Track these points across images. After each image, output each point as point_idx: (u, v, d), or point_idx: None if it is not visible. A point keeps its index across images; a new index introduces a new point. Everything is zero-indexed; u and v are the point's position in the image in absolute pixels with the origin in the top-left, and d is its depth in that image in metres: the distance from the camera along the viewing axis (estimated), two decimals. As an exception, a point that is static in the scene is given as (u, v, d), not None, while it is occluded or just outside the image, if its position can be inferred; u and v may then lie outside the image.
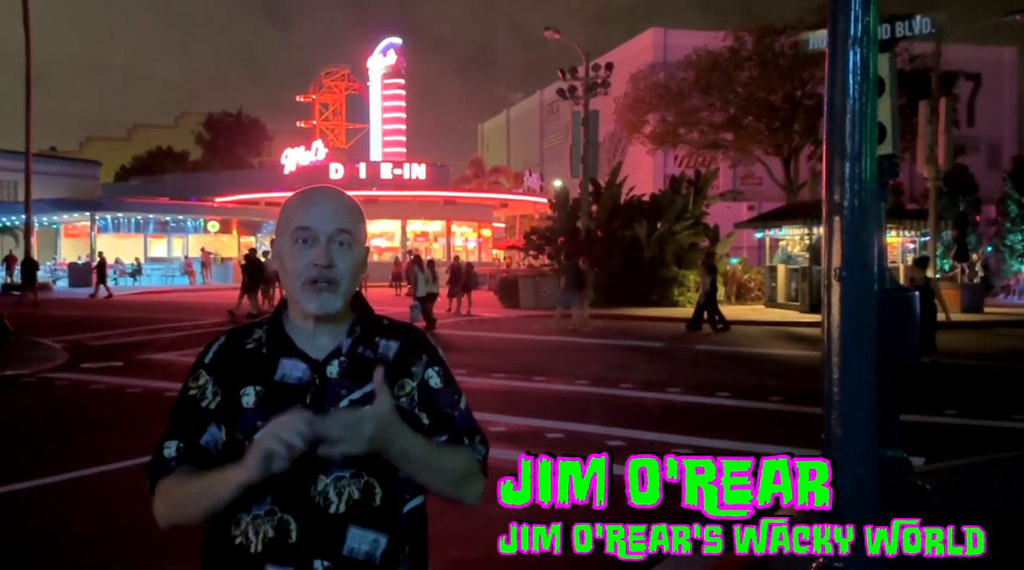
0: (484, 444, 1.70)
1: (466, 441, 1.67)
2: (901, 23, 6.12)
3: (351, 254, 1.63)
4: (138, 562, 4.86)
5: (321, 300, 1.60)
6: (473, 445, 1.68)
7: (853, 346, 3.61)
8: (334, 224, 1.62)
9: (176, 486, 1.58)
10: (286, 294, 1.68)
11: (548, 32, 29.00)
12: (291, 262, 1.62)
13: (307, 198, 1.66)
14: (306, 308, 1.61)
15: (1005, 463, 6.79)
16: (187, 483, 1.57)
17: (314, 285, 1.60)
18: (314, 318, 1.62)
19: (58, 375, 11.74)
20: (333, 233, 1.61)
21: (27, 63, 32.63)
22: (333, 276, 1.60)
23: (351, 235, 1.64)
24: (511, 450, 4.29)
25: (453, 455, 1.64)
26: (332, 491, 1.55)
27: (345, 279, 1.62)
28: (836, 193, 3.62)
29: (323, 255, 1.59)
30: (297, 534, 1.53)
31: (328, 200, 1.65)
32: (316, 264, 1.59)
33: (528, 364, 13.01)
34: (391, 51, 56.05)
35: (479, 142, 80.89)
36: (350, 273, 1.63)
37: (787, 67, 31.22)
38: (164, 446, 1.64)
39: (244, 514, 1.56)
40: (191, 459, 1.61)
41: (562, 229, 27.46)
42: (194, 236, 43.33)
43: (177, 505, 1.58)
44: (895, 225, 23.27)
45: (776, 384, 11.04)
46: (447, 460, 1.62)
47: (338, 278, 1.61)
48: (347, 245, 1.63)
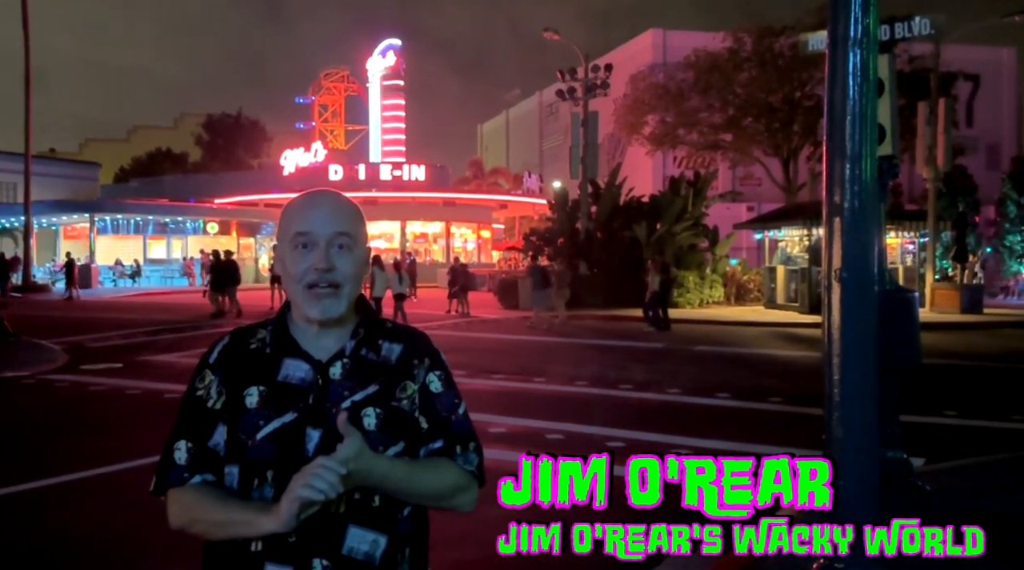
0: (478, 452, 1.70)
1: (459, 449, 1.67)
2: (900, 24, 6.13)
3: (351, 256, 1.63)
4: (139, 563, 4.86)
5: (323, 306, 1.60)
6: (466, 454, 1.68)
7: (853, 347, 3.61)
8: (333, 227, 1.62)
9: (196, 507, 1.59)
10: (288, 297, 1.68)
11: (547, 33, 29.03)
12: (292, 267, 1.62)
13: (305, 203, 1.66)
14: (308, 313, 1.61)
15: (1005, 464, 6.80)
16: (209, 511, 1.57)
17: (315, 290, 1.60)
18: (318, 322, 1.63)
19: (58, 377, 11.74)
20: (332, 236, 1.61)
21: (26, 65, 32.65)
22: (334, 279, 1.60)
23: (350, 237, 1.64)
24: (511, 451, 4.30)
25: (439, 473, 1.64)
26: None
27: (347, 281, 1.62)
28: (836, 194, 3.62)
29: (323, 259, 1.59)
30: (296, 533, 1.53)
31: (326, 203, 1.65)
32: (316, 268, 1.59)
33: (527, 365, 13.01)
34: (390, 52, 56.07)
35: (478, 143, 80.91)
36: (352, 275, 1.63)
37: (786, 68, 31.27)
38: (174, 447, 1.63)
39: None
40: (202, 464, 1.61)
41: (561, 230, 27.47)
42: (193, 237, 43.32)
43: (196, 525, 1.59)
44: (895, 226, 23.27)
45: (776, 385, 11.05)
46: (432, 479, 1.62)
47: (339, 281, 1.61)
48: (347, 248, 1.63)
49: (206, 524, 1.57)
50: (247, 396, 1.60)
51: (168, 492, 1.62)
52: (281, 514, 1.46)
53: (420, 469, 1.62)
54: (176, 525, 1.62)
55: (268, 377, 1.62)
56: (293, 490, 1.44)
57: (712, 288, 25.79)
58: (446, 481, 1.64)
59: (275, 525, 1.47)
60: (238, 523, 1.53)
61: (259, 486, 1.57)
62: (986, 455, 7.12)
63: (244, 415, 1.60)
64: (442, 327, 18.78)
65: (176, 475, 1.61)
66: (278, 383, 1.61)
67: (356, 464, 1.48)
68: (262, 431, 1.58)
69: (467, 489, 1.67)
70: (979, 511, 5.27)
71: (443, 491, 1.63)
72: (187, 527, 1.60)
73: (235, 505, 1.56)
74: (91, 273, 36.30)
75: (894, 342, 4.70)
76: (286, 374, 1.62)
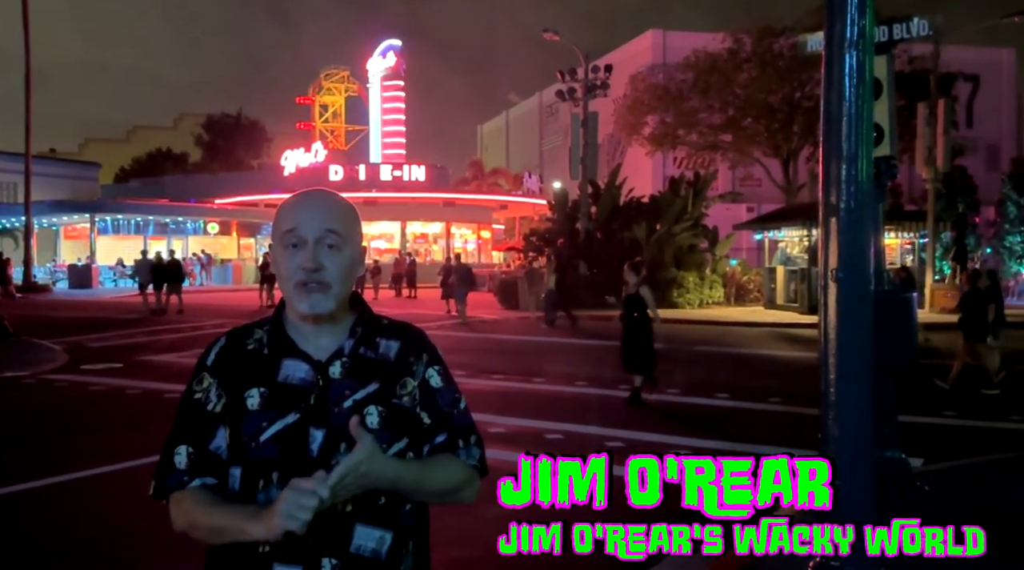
0: (479, 445, 1.73)
1: (461, 443, 1.69)
2: (899, 26, 6.14)
3: (340, 256, 1.63)
4: (138, 562, 4.87)
5: (311, 300, 1.61)
6: (468, 448, 1.70)
7: (850, 347, 3.63)
8: (321, 226, 1.62)
9: (194, 511, 1.59)
10: (283, 295, 1.69)
11: (547, 34, 29.02)
12: (282, 266, 1.63)
13: (296, 202, 1.67)
14: (298, 308, 1.62)
15: (1004, 464, 6.81)
16: (205, 517, 1.58)
17: (304, 287, 1.61)
18: (312, 319, 1.64)
19: (58, 376, 11.75)
20: (320, 235, 1.61)
21: (27, 64, 32.64)
22: (322, 278, 1.61)
23: (339, 236, 1.63)
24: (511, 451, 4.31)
25: (446, 470, 1.66)
26: None
27: (335, 281, 1.62)
28: (833, 195, 3.64)
29: (310, 258, 1.60)
30: (305, 533, 1.55)
31: (315, 203, 1.65)
32: (304, 267, 1.60)
33: (527, 365, 13.02)
34: (390, 53, 56.02)
35: (478, 144, 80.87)
36: (340, 275, 1.63)
37: (786, 69, 31.25)
38: (174, 452, 1.64)
39: None
40: (203, 468, 1.62)
41: (561, 231, 27.47)
42: (194, 237, 43.31)
43: (195, 530, 1.60)
44: (894, 227, 23.29)
45: (776, 385, 11.06)
46: (440, 477, 1.65)
47: (328, 280, 1.61)
48: (336, 247, 1.63)
49: (204, 530, 1.58)
50: (248, 398, 1.61)
51: (170, 498, 1.63)
52: (270, 525, 1.46)
53: (429, 468, 1.64)
54: (179, 527, 1.63)
55: (268, 378, 1.62)
56: (278, 510, 1.44)
57: (712, 289, 25.79)
58: (453, 478, 1.66)
59: (263, 533, 1.48)
60: (231, 531, 1.54)
61: (264, 488, 1.57)
62: (985, 455, 7.14)
63: (246, 417, 1.60)
64: (440, 327, 18.77)
65: (176, 479, 1.62)
66: (279, 384, 1.62)
67: (369, 466, 1.49)
68: (265, 433, 1.58)
69: (471, 483, 1.70)
70: (978, 511, 5.28)
71: (450, 488, 1.66)
72: (188, 531, 1.62)
73: (227, 511, 1.56)
74: (91, 273, 36.31)
75: (890, 341, 4.72)
76: (286, 375, 1.62)
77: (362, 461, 1.48)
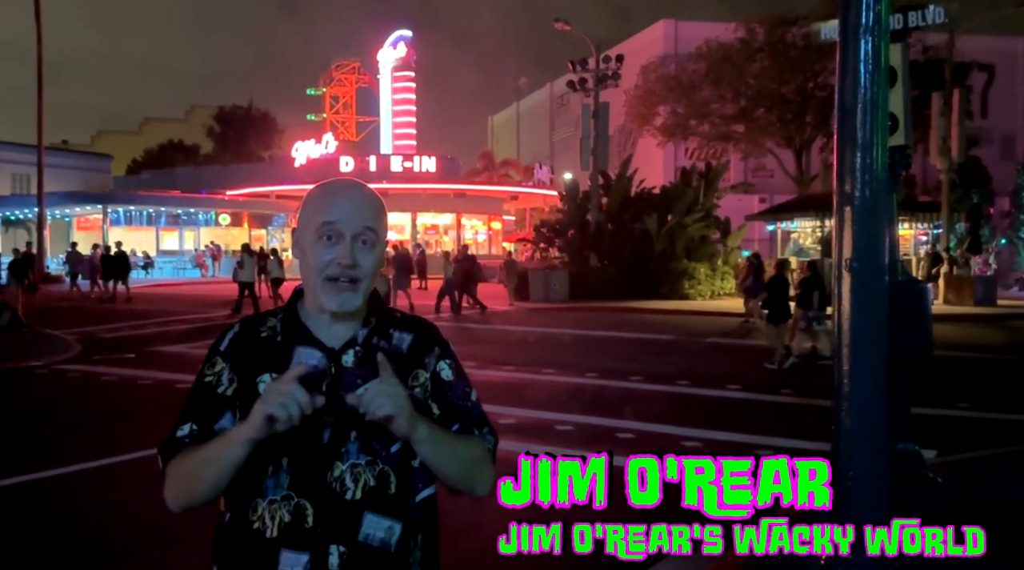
0: (493, 435, 1.73)
1: (476, 432, 1.70)
2: (914, 13, 6.06)
3: (374, 253, 1.63)
4: (151, 550, 4.89)
5: (342, 299, 1.60)
6: (483, 435, 1.70)
7: (863, 338, 3.59)
8: (361, 222, 1.61)
9: (184, 460, 1.59)
10: (304, 285, 1.67)
11: (559, 24, 28.90)
12: (314, 257, 1.61)
13: (333, 192, 1.65)
14: (326, 305, 1.61)
15: (1017, 456, 6.76)
16: (193, 454, 1.57)
17: (335, 283, 1.60)
18: (332, 313, 1.63)
19: (71, 367, 11.82)
20: (359, 231, 1.61)
21: (39, 56, 32.78)
22: (355, 275, 1.60)
23: (375, 233, 1.63)
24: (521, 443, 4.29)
25: (468, 441, 1.67)
26: (348, 477, 1.56)
27: (366, 277, 1.62)
28: (847, 183, 3.59)
29: (348, 254, 1.59)
30: (314, 519, 1.54)
31: (355, 196, 1.65)
32: (340, 263, 1.59)
33: (537, 357, 13.01)
34: (401, 43, 55.99)
35: (489, 135, 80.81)
36: (371, 272, 1.63)
37: (799, 58, 31.07)
38: (178, 428, 1.64)
39: (260, 499, 1.56)
40: (204, 440, 1.61)
41: (572, 222, 27.40)
42: (205, 229, 43.51)
43: (185, 479, 1.59)
44: (908, 217, 23.18)
45: (787, 376, 11.03)
46: (463, 445, 1.65)
47: (360, 277, 1.61)
48: (371, 244, 1.63)
49: (193, 470, 1.56)
50: (260, 383, 1.61)
51: (166, 469, 1.62)
52: (252, 421, 1.48)
53: (454, 434, 1.65)
54: (172, 498, 1.61)
55: (281, 365, 1.61)
56: (262, 403, 1.47)
57: (723, 280, 25.71)
58: (475, 451, 1.67)
59: (247, 431, 1.49)
60: (218, 447, 1.54)
61: (274, 473, 1.57)
62: (999, 448, 7.08)
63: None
64: (449, 318, 18.78)
65: (176, 446, 1.62)
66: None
67: (394, 388, 1.51)
68: (264, 390, 1.58)
69: (487, 467, 1.69)
70: (990, 504, 5.24)
71: (472, 459, 1.66)
72: (180, 497, 1.60)
73: (213, 440, 1.57)
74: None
75: (905, 333, 4.68)
76: (299, 361, 1.61)
77: (387, 380, 1.51)
